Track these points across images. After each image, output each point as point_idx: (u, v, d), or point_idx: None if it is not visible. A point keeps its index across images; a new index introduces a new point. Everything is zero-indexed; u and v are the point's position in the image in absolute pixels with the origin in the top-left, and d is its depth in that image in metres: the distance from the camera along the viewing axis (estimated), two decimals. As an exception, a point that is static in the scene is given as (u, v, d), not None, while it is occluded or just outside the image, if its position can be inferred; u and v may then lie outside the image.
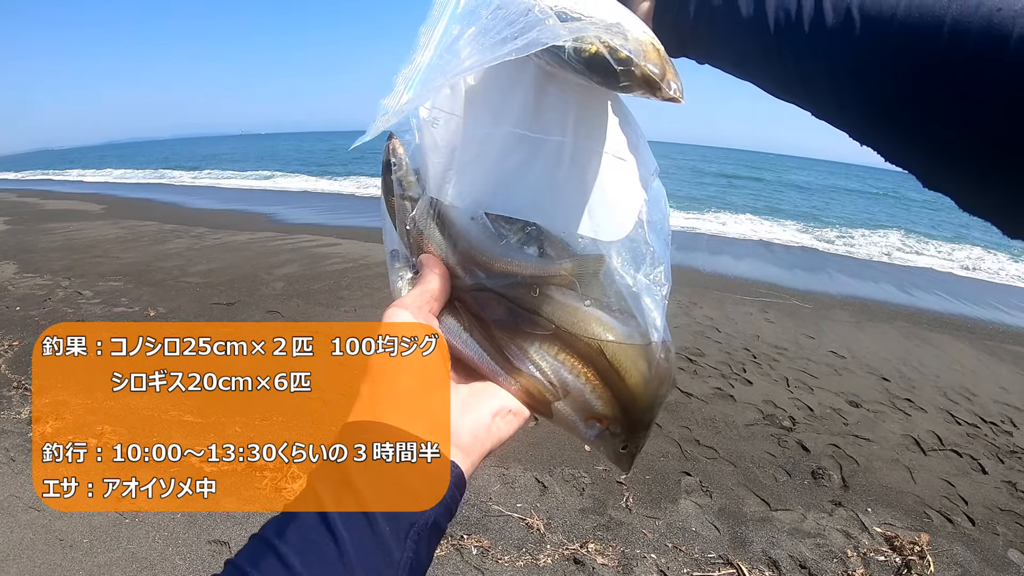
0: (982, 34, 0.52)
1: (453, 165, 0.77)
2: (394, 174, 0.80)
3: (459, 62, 0.67)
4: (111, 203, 19.51)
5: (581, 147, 0.74)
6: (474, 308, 0.76)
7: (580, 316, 0.73)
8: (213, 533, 3.45)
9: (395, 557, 0.54)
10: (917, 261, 15.45)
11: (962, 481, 4.50)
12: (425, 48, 0.73)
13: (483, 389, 0.72)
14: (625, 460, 0.79)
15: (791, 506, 4.03)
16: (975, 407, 5.85)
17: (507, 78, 0.75)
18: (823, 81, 0.66)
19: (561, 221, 0.75)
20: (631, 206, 0.76)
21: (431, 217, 0.77)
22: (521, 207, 0.75)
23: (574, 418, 0.74)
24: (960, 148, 0.57)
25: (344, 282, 8.65)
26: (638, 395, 0.74)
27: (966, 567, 3.59)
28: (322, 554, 0.52)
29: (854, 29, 0.60)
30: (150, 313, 7.23)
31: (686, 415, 5.15)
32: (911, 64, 0.57)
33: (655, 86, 0.64)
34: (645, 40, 0.65)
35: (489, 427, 0.68)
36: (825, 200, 30.99)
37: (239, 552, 0.54)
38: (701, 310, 8.07)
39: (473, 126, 0.76)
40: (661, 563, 3.41)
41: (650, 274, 0.75)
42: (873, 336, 7.86)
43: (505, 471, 4.15)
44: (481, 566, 3.30)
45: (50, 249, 11.15)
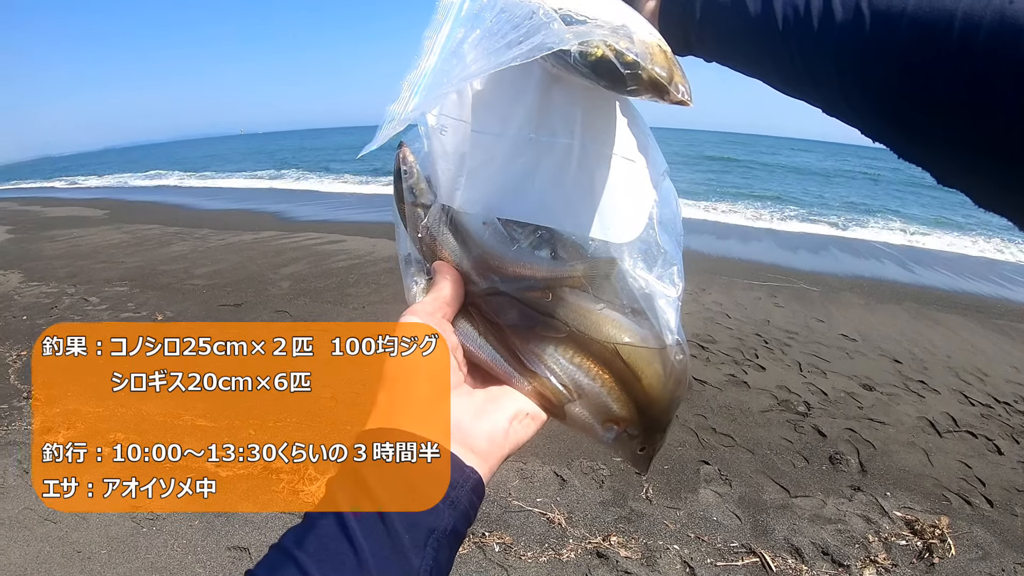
0: (994, 28, 0.51)
1: (463, 171, 0.76)
2: (405, 182, 0.80)
3: (464, 67, 0.67)
4: (113, 208, 19.51)
5: (589, 149, 0.74)
6: (489, 313, 0.75)
7: (595, 319, 0.72)
8: (232, 539, 3.45)
9: (414, 565, 0.54)
10: (924, 242, 15.42)
11: (979, 462, 4.50)
12: (430, 53, 0.72)
13: (500, 394, 0.72)
14: (643, 461, 0.80)
15: (810, 492, 4.03)
16: (988, 387, 5.84)
17: (513, 81, 0.74)
18: (833, 78, 0.65)
19: (571, 224, 0.74)
20: (641, 207, 0.76)
21: (443, 223, 0.77)
22: (531, 211, 0.74)
23: (591, 421, 0.74)
24: (972, 145, 0.57)
25: (351, 279, 8.66)
26: (655, 397, 0.74)
27: (987, 549, 3.59)
28: (341, 564, 0.52)
29: (864, 25, 0.60)
30: (158, 317, 7.24)
31: (701, 403, 5.15)
32: (922, 60, 0.57)
33: (663, 90, 0.63)
34: (651, 42, 0.65)
35: (506, 431, 0.68)
36: (824, 184, 30.77)
37: (259, 563, 0.54)
38: (710, 296, 8.06)
39: (481, 131, 0.76)
40: (684, 554, 3.41)
41: (663, 275, 0.75)
42: (883, 318, 7.86)
43: (523, 465, 4.15)
44: (504, 563, 3.30)
45: (54, 256, 11.16)
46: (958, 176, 0.63)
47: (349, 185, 25.25)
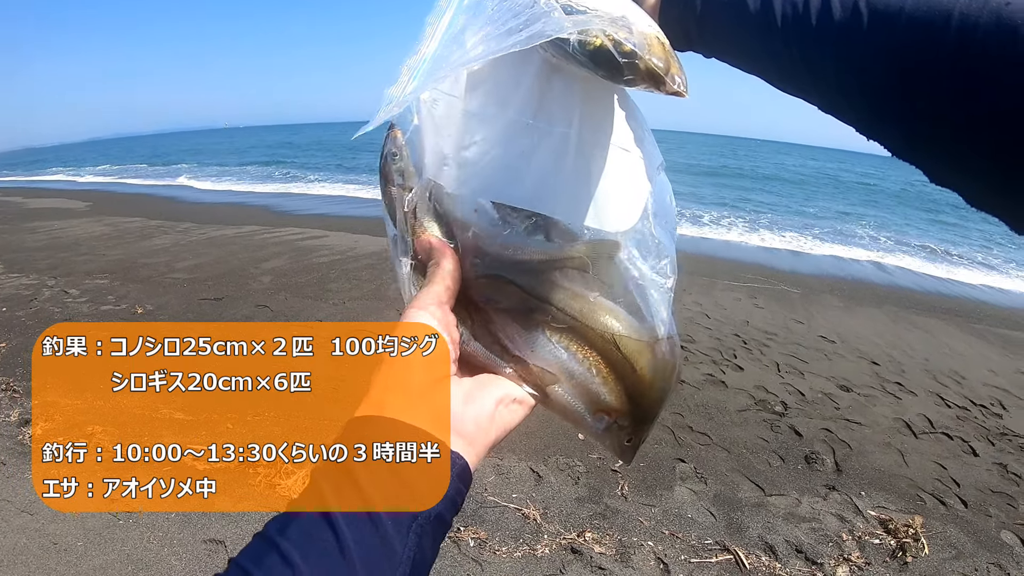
0: (991, 29, 0.52)
1: (453, 150, 0.77)
2: (394, 164, 0.79)
3: (464, 52, 0.67)
4: (96, 200, 19.36)
5: (586, 138, 0.74)
6: (476, 297, 0.75)
7: (590, 307, 0.72)
8: (208, 532, 3.43)
9: (397, 551, 0.53)
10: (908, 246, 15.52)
11: (954, 464, 4.54)
12: (431, 39, 0.73)
13: (487, 380, 0.71)
14: (629, 452, 0.79)
15: (785, 491, 4.05)
16: (965, 390, 5.89)
17: (512, 68, 0.74)
18: (830, 75, 0.66)
19: (566, 211, 0.74)
20: (637, 197, 0.76)
21: (428, 203, 0.77)
22: (525, 196, 0.74)
23: (582, 410, 0.74)
24: (966, 144, 0.58)
25: (332, 275, 8.62)
26: (647, 388, 0.74)
27: (960, 549, 3.62)
28: (323, 551, 0.51)
29: (862, 24, 0.61)
30: (137, 311, 7.17)
31: (678, 402, 5.16)
32: (918, 59, 0.58)
33: (659, 80, 0.64)
34: (650, 34, 0.65)
35: (492, 416, 0.67)
36: (812, 192, 30.61)
37: (242, 551, 0.53)
38: (690, 296, 8.08)
39: (476, 112, 0.76)
40: (658, 551, 3.42)
41: (656, 266, 0.75)
42: (862, 320, 7.91)
43: (500, 461, 4.15)
44: (479, 558, 3.30)
45: (35, 248, 11.04)
46: (951, 175, 0.63)
47: (334, 180, 25.17)
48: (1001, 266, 14.24)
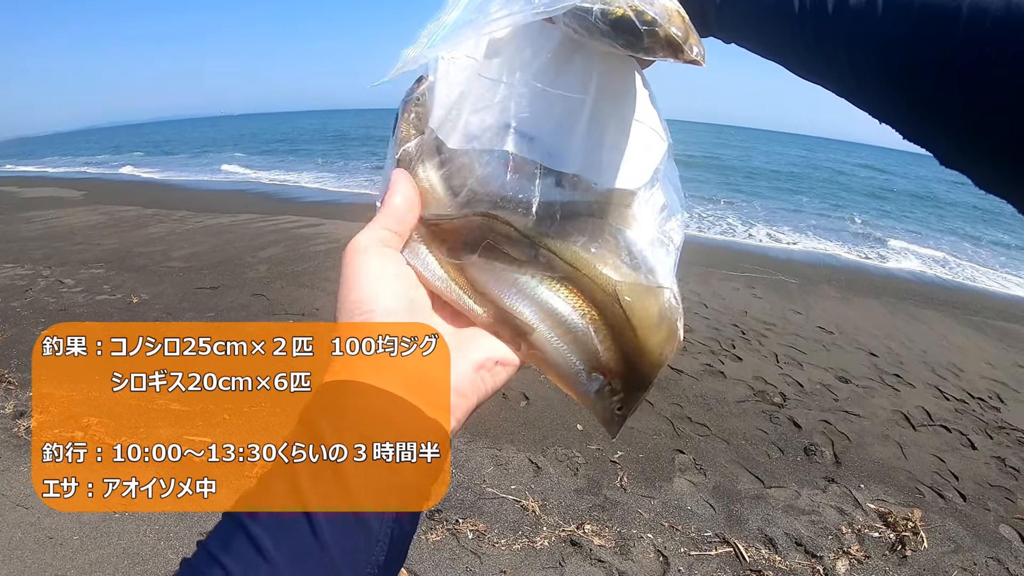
0: (1000, 15, 0.53)
1: (467, 111, 0.75)
2: (415, 106, 0.77)
3: (486, 18, 0.68)
4: (91, 188, 19.30)
5: (602, 108, 0.74)
6: (469, 239, 0.73)
7: (593, 257, 0.71)
8: (205, 526, 3.40)
9: (372, 528, 0.51)
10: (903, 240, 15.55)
11: (952, 457, 4.55)
12: (454, 7, 0.73)
13: (466, 339, 0.68)
14: (617, 423, 0.76)
15: (785, 483, 4.05)
16: (963, 383, 5.91)
17: (534, 40, 0.74)
18: (845, 62, 0.67)
19: (579, 165, 0.74)
20: (650, 159, 0.77)
21: (427, 150, 0.76)
22: (538, 151, 0.74)
23: (577, 366, 0.72)
24: (975, 128, 0.58)
25: (328, 263, 8.58)
26: (647, 349, 0.72)
27: (959, 542, 3.62)
28: (294, 532, 0.50)
29: (876, 11, 0.62)
30: (133, 300, 7.14)
31: (677, 392, 5.16)
32: (930, 45, 0.58)
33: (677, 48, 0.64)
34: (671, 7, 0.65)
35: (473, 380, 0.64)
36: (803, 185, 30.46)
37: (210, 533, 0.52)
38: (687, 285, 8.08)
39: (494, 75, 0.75)
40: (658, 543, 3.42)
41: (665, 225, 0.76)
42: (860, 311, 7.93)
43: (498, 452, 4.14)
44: (478, 550, 3.29)
45: (30, 238, 10.98)
46: (960, 157, 0.64)
47: (328, 168, 25.19)
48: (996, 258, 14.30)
